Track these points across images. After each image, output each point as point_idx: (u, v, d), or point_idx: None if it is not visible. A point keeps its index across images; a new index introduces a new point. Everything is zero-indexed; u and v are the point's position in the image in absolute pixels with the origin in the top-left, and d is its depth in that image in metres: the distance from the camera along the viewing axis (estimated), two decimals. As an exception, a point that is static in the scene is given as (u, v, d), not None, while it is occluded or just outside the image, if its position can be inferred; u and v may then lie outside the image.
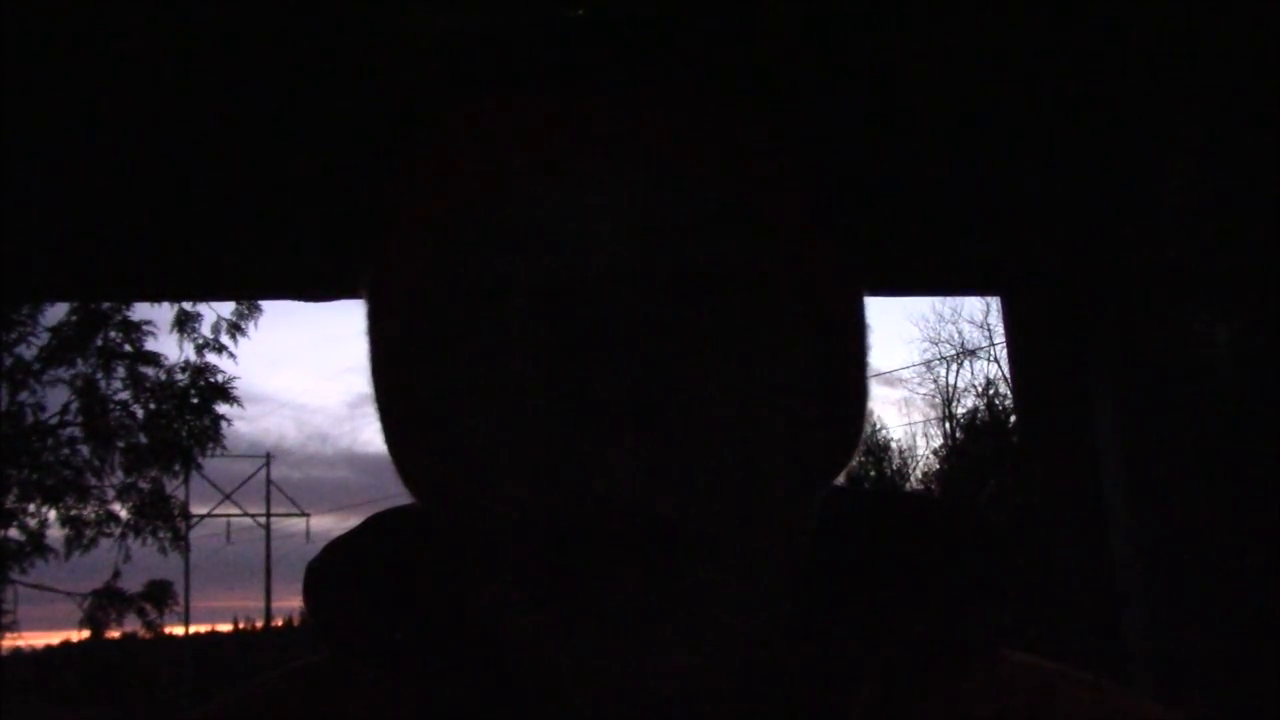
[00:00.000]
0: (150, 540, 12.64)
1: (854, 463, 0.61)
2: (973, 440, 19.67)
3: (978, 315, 22.48)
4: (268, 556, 28.64)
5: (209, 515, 27.48)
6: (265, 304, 12.30)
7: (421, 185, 0.55)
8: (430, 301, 0.53)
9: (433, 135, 0.55)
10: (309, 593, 0.59)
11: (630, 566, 0.47)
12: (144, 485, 12.53)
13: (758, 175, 0.53)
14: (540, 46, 0.54)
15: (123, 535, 12.52)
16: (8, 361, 11.56)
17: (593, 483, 0.47)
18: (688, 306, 0.50)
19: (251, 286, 1.87)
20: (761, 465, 0.50)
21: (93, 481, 12.35)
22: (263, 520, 29.10)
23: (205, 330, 12.59)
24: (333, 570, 0.59)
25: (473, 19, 0.57)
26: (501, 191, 0.51)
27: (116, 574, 12.55)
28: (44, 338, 11.79)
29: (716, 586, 0.48)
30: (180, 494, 13.85)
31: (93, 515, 12.39)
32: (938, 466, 21.30)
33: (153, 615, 12.88)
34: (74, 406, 12.13)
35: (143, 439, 12.37)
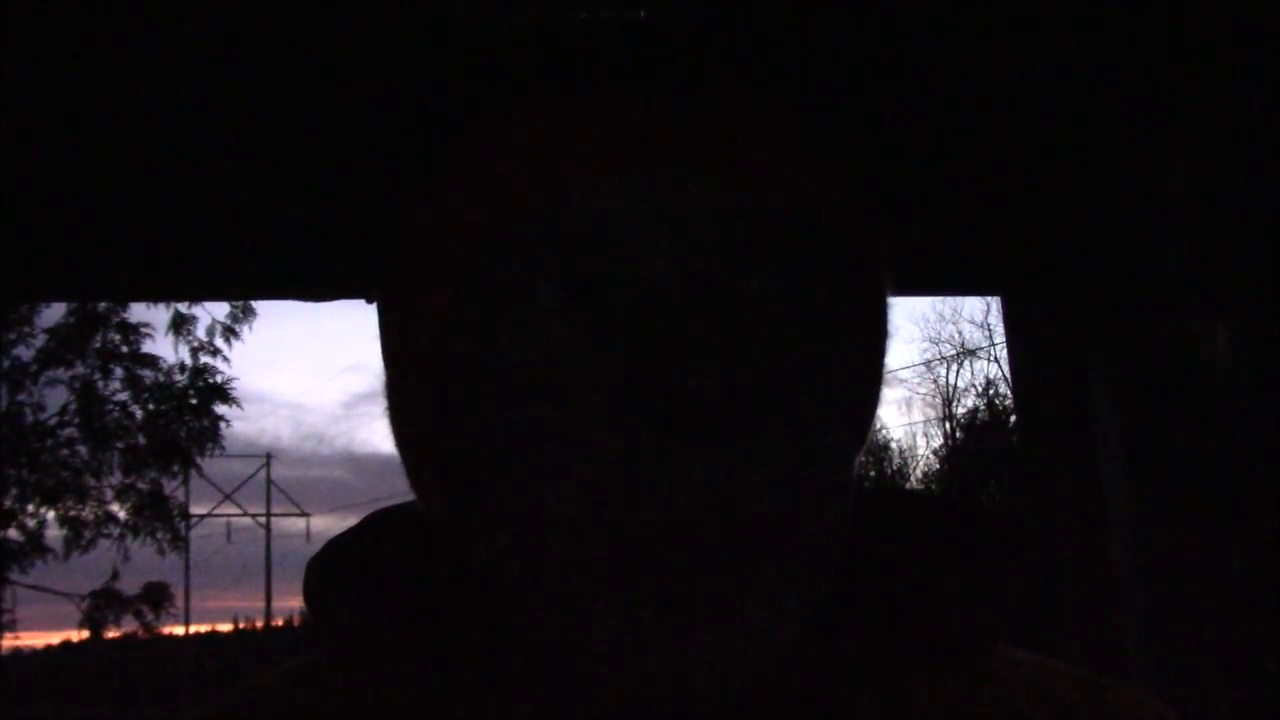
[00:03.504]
0: (149, 541, 12.64)
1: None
2: (973, 440, 19.67)
3: (978, 315, 22.49)
4: (268, 556, 28.65)
5: (209, 515, 27.49)
6: (262, 304, 12.29)
7: (471, 183, 0.54)
8: (482, 300, 0.53)
9: (484, 134, 0.55)
10: (309, 590, 0.59)
11: (703, 559, 0.47)
12: (143, 486, 12.53)
13: (812, 179, 0.54)
14: (599, 50, 0.55)
15: (121, 536, 12.52)
16: (5, 363, 11.56)
17: (666, 481, 0.47)
18: (750, 307, 0.51)
19: (251, 286, 1.87)
20: (820, 459, 0.51)
21: (91, 482, 12.35)
22: (263, 520, 29.11)
23: (200, 333, 12.57)
24: (333, 568, 0.59)
25: (531, 21, 0.58)
26: (563, 190, 0.51)
27: (115, 575, 12.54)
28: (41, 339, 11.80)
29: (782, 576, 0.49)
30: (179, 494, 13.85)
31: (91, 516, 12.38)
32: (938, 466, 21.31)
33: (150, 617, 12.88)
34: (72, 407, 12.13)
35: (141, 440, 12.36)
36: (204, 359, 12.42)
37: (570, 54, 0.55)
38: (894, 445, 21.80)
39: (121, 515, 12.52)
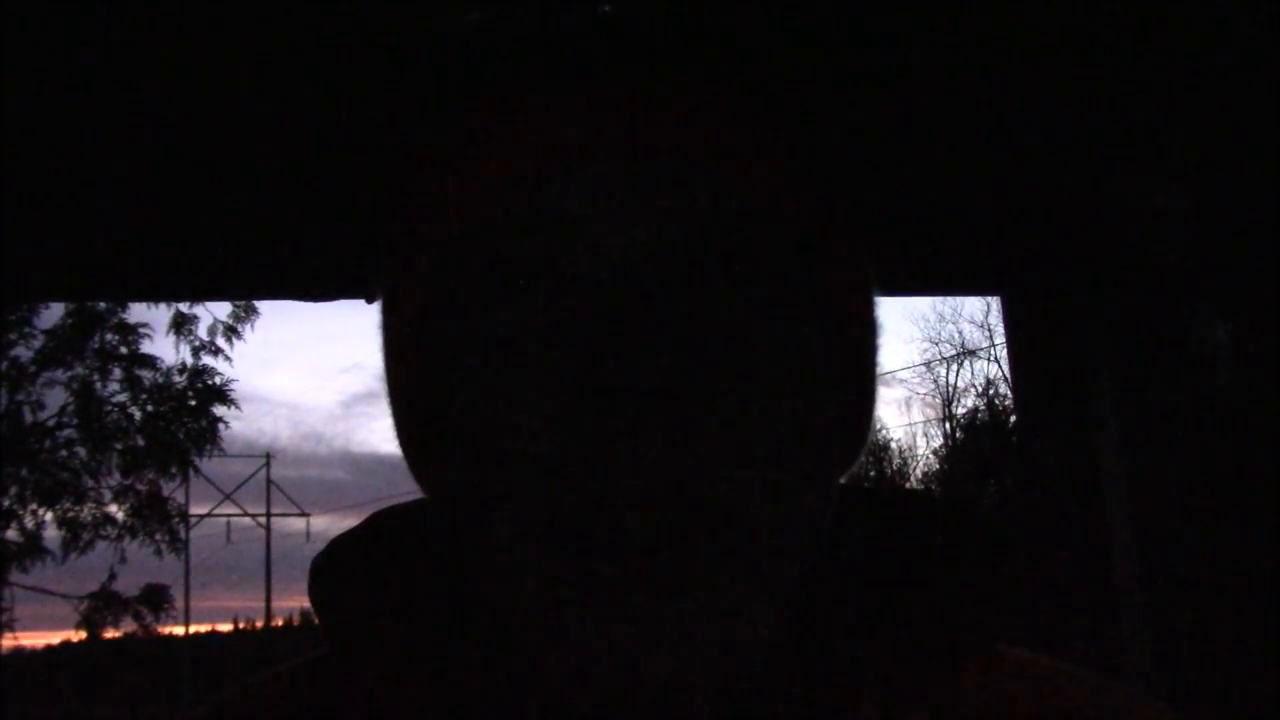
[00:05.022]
0: (148, 542, 12.63)
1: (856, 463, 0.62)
2: (973, 440, 19.67)
3: (978, 315, 22.49)
4: (268, 556, 28.63)
5: (209, 515, 27.48)
6: (261, 304, 12.28)
7: (443, 177, 0.55)
8: (451, 291, 0.54)
9: (455, 128, 0.56)
10: (314, 589, 0.59)
11: (653, 548, 0.47)
12: (141, 487, 12.52)
13: (777, 174, 0.54)
14: (566, 42, 0.55)
15: (119, 537, 12.50)
16: (4, 364, 11.55)
17: (615, 468, 0.47)
18: (708, 298, 0.51)
19: (251, 286, 1.87)
20: (779, 453, 0.51)
21: (90, 483, 12.34)
22: (262, 520, 29.10)
23: (202, 332, 12.56)
24: (337, 567, 0.60)
25: (498, 15, 0.58)
26: (526, 182, 0.52)
27: (112, 576, 12.54)
28: (40, 340, 11.79)
29: (737, 569, 0.49)
30: (179, 495, 13.85)
31: (90, 517, 12.37)
32: (938, 466, 21.32)
33: (149, 619, 12.88)
34: (70, 408, 12.12)
35: (140, 441, 12.36)
36: (205, 359, 12.43)
37: (533, 47, 0.56)
38: (894, 445, 21.82)
39: (120, 516, 12.52)
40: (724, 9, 0.57)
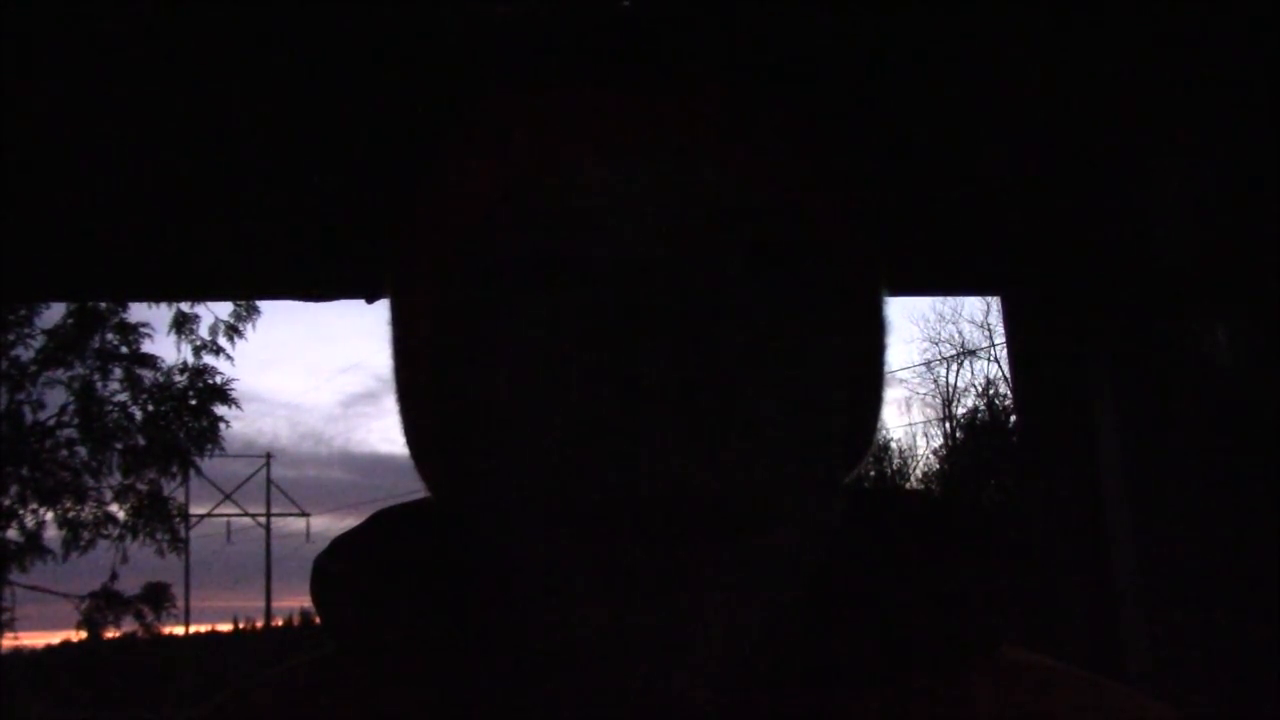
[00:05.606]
0: (149, 541, 12.63)
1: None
2: (973, 440, 19.67)
3: (978, 315, 22.50)
4: (268, 556, 28.65)
5: (209, 515, 27.49)
6: (261, 303, 12.28)
7: (460, 171, 0.55)
8: (468, 285, 0.54)
9: (477, 122, 0.56)
10: (316, 588, 0.59)
11: (669, 540, 0.48)
12: (142, 487, 12.52)
13: (795, 171, 0.54)
14: (586, 37, 0.55)
15: (120, 537, 12.51)
16: (4, 363, 11.55)
17: (634, 460, 0.48)
18: (727, 293, 0.51)
19: (251, 286, 1.87)
20: (792, 448, 0.51)
21: (90, 483, 12.35)
22: (262, 520, 29.10)
23: (203, 332, 12.56)
24: (340, 566, 0.60)
25: (518, 11, 0.58)
26: (550, 175, 0.52)
27: (113, 576, 12.55)
28: (40, 340, 11.79)
29: (752, 563, 0.49)
30: (179, 495, 13.85)
31: (90, 517, 12.38)
32: (938, 466, 21.31)
33: (150, 618, 12.89)
34: (71, 408, 12.12)
35: (141, 440, 12.36)
36: (206, 358, 12.42)
37: (553, 42, 0.56)
38: (894, 445, 21.81)
39: (120, 516, 12.53)
40: (743, 8, 0.58)
